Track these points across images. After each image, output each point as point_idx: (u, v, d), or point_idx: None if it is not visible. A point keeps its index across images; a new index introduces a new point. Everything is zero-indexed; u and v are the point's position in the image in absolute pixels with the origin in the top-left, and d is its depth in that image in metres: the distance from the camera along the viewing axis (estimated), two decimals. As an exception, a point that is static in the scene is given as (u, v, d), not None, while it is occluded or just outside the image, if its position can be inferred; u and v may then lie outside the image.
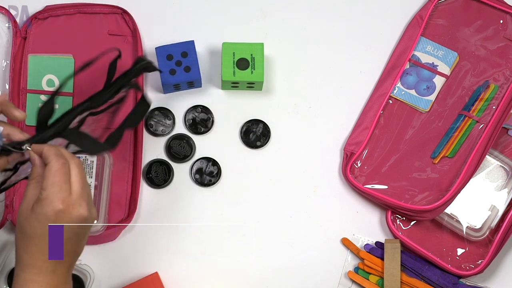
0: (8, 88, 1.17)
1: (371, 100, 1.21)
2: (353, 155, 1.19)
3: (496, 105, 1.18)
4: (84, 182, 0.87)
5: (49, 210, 0.84)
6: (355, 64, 1.24)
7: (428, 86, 1.21)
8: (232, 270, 1.18)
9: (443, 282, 1.15)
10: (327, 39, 1.25)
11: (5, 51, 1.19)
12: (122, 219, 1.16)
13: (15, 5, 1.20)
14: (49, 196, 0.84)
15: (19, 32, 1.18)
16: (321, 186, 1.20)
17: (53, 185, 0.85)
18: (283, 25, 1.25)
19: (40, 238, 0.85)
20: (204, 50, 1.23)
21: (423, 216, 1.16)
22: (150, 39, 1.22)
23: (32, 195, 0.86)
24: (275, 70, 1.23)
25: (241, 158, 1.21)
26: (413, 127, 1.20)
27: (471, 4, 1.23)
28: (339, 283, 1.18)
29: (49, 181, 0.85)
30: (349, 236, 1.19)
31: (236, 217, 1.19)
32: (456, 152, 1.18)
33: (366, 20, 1.25)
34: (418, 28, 1.22)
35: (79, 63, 1.18)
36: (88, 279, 1.13)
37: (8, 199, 1.14)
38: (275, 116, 1.22)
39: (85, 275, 1.14)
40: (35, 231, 0.85)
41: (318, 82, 1.23)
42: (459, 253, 1.17)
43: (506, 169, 1.18)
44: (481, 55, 1.22)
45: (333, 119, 1.22)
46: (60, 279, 0.87)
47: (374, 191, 1.17)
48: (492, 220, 1.17)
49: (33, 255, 0.85)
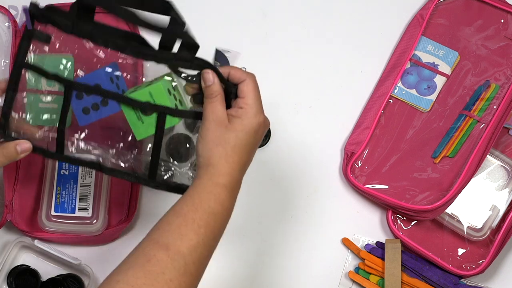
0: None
1: (372, 100, 1.21)
2: (354, 155, 1.18)
3: (497, 104, 1.18)
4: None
5: (255, 122, 0.91)
6: (355, 63, 1.24)
7: (428, 85, 1.21)
8: (232, 270, 1.18)
9: (443, 282, 1.15)
10: (327, 38, 1.25)
11: (4, 50, 1.19)
12: (122, 219, 1.16)
13: (15, 5, 1.20)
14: (253, 109, 0.92)
15: (18, 31, 1.18)
16: (322, 186, 1.20)
17: (255, 100, 0.92)
18: (283, 25, 1.25)
19: (243, 148, 0.91)
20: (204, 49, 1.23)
21: (424, 216, 1.16)
22: (150, 39, 1.22)
23: (221, 111, 0.91)
24: (275, 70, 1.23)
25: (241, 158, 1.20)
26: (413, 126, 1.20)
27: (472, 4, 1.23)
28: (339, 283, 1.18)
29: (251, 96, 0.92)
30: (349, 236, 1.19)
31: (236, 217, 1.19)
32: (457, 152, 1.18)
33: (367, 20, 1.25)
34: (418, 27, 1.22)
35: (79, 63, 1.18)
36: (88, 279, 1.12)
37: (7, 199, 1.14)
38: (276, 115, 1.21)
39: (85, 275, 1.14)
40: (241, 142, 0.91)
41: (318, 81, 1.23)
42: (460, 253, 1.17)
43: (507, 169, 1.18)
44: (482, 55, 1.22)
45: (333, 119, 1.22)
46: (238, 190, 0.93)
47: (375, 191, 1.17)
48: (493, 220, 1.17)
49: (233, 165, 0.91)
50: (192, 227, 0.87)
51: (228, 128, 0.91)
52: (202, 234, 0.87)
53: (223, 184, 0.90)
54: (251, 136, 0.92)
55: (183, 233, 0.86)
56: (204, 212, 0.88)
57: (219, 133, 0.90)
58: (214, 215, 0.89)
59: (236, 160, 0.91)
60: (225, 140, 0.90)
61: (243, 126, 0.91)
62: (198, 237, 0.87)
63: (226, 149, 0.90)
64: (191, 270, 0.86)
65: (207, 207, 0.89)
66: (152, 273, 0.83)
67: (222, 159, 0.90)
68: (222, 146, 0.90)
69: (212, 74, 0.92)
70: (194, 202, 0.89)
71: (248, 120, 0.91)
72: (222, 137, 0.90)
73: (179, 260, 0.85)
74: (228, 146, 0.90)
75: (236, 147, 0.91)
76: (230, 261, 1.18)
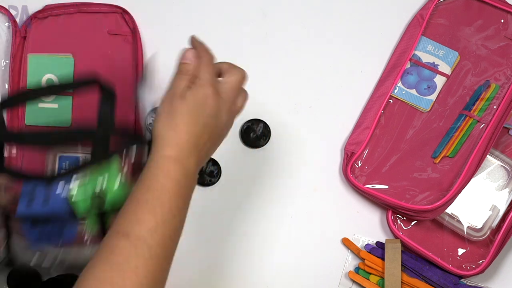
0: (8, 88, 1.17)
1: (372, 100, 1.21)
2: (354, 155, 1.18)
3: (497, 104, 1.18)
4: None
5: (201, 92, 0.89)
6: (355, 63, 1.24)
7: (428, 85, 1.21)
8: (232, 270, 1.18)
9: (443, 282, 1.15)
10: (327, 38, 1.25)
11: (4, 50, 1.19)
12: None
13: (15, 5, 1.20)
14: (207, 83, 0.90)
15: (18, 31, 1.18)
16: (322, 186, 1.20)
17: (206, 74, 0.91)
18: (283, 25, 1.25)
19: (194, 118, 0.89)
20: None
21: (424, 216, 1.16)
22: (150, 39, 1.22)
23: (180, 85, 0.90)
24: (275, 70, 1.23)
25: (241, 158, 1.20)
26: (413, 126, 1.20)
27: (472, 4, 1.23)
28: (339, 283, 1.18)
29: (204, 70, 0.91)
30: (349, 236, 1.19)
31: (236, 217, 1.19)
32: (457, 152, 1.18)
33: (367, 20, 1.25)
34: (418, 27, 1.22)
35: (78, 62, 1.18)
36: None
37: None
38: (276, 115, 1.21)
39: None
40: (190, 111, 0.88)
41: (318, 81, 1.23)
42: (460, 253, 1.17)
43: (507, 169, 1.18)
44: (482, 55, 1.22)
45: (333, 119, 1.22)
46: (192, 168, 0.89)
47: (375, 191, 1.17)
48: (493, 220, 1.17)
49: (180, 134, 0.88)
50: (147, 208, 0.85)
51: (180, 98, 0.89)
52: (159, 213, 0.85)
53: (170, 156, 0.87)
54: (201, 107, 0.89)
55: (140, 217, 0.85)
56: (156, 190, 0.86)
57: (170, 104, 0.89)
58: (167, 192, 0.86)
59: (184, 129, 0.88)
60: (174, 109, 0.89)
61: (193, 96, 0.89)
62: (155, 218, 0.85)
63: (175, 119, 0.88)
64: (157, 252, 0.84)
65: (157, 184, 0.86)
66: (117, 264, 0.82)
67: (170, 130, 0.88)
68: (171, 115, 0.89)
69: (193, 53, 0.93)
70: (145, 183, 0.87)
71: (197, 89, 0.90)
72: (172, 107, 0.89)
73: (142, 245, 0.83)
74: (176, 115, 0.88)
75: (185, 116, 0.89)
76: (230, 261, 1.18)
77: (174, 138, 0.88)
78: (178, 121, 0.88)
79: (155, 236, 0.84)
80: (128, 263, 0.82)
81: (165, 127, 0.89)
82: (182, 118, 0.88)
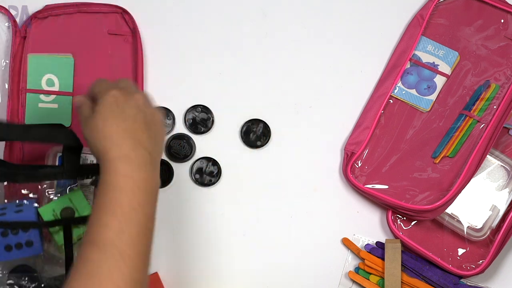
0: (8, 88, 1.17)
1: (372, 100, 1.21)
2: (354, 155, 1.18)
3: (497, 104, 1.18)
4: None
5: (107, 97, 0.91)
6: (355, 63, 1.24)
7: (428, 85, 1.21)
8: (232, 270, 1.18)
9: (443, 282, 1.15)
10: (327, 38, 1.25)
11: (4, 50, 1.18)
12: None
13: (15, 5, 1.20)
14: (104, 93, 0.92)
15: (18, 31, 1.18)
16: (322, 186, 1.20)
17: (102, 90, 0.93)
18: (283, 25, 1.25)
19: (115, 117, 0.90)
20: (204, 49, 1.23)
21: (424, 216, 1.16)
22: (150, 39, 1.22)
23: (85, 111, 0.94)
24: (275, 70, 1.23)
25: (241, 158, 1.20)
26: (413, 126, 1.20)
27: (472, 4, 1.23)
28: (339, 283, 1.18)
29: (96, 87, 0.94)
30: (349, 236, 1.19)
31: (236, 217, 1.19)
32: (457, 152, 1.18)
33: (367, 20, 1.25)
34: (418, 27, 1.22)
35: (78, 62, 1.18)
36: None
37: (7, 199, 1.14)
38: (276, 115, 1.21)
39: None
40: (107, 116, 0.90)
41: (318, 81, 1.23)
42: (460, 253, 1.17)
43: (507, 169, 1.18)
44: (482, 55, 1.22)
45: (333, 119, 1.22)
46: (141, 160, 0.89)
47: (375, 191, 1.17)
48: (493, 220, 1.17)
49: (112, 135, 0.89)
50: (107, 212, 0.86)
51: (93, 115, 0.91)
52: (119, 213, 0.85)
53: (114, 156, 0.88)
54: (115, 106, 0.91)
55: (103, 222, 0.85)
56: (110, 192, 0.87)
57: (88, 125, 0.91)
58: (122, 190, 0.87)
59: (114, 130, 0.89)
60: (95, 124, 0.91)
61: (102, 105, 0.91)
62: (117, 218, 0.85)
63: (100, 130, 0.90)
64: (128, 253, 0.84)
65: (110, 187, 0.87)
66: (91, 274, 0.82)
67: (102, 140, 0.90)
68: (96, 129, 0.90)
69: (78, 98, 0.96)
70: (101, 190, 0.87)
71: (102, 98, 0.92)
72: (91, 124, 0.91)
73: (110, 249, 0.84)
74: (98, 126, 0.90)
75: (107, 120, 0.90)
76: (229, 261, 1.18)
77: (109, 142, 0.89)
78: (103, 128, 0.90)
79: (122, 237, 0.84)
80: (101, 270, 0.82)
81: (97, 140, 0.90)
82: (104, 124, 0.90)
